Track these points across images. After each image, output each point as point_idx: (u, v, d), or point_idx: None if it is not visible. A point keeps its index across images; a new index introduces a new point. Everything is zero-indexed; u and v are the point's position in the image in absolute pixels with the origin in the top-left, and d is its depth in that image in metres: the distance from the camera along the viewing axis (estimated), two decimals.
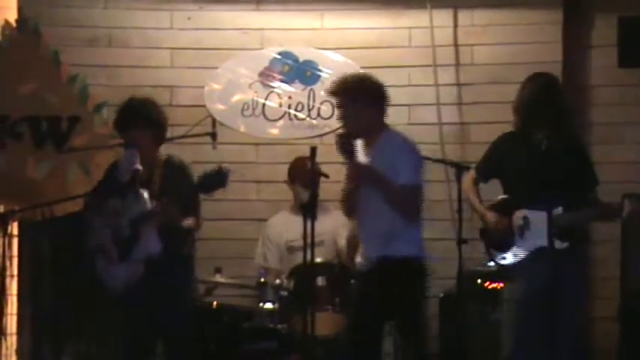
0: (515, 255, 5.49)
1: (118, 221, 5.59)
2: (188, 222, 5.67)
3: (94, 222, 5.69)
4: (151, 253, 5.51)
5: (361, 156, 5.46)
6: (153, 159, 5.73)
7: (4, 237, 6.13)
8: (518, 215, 5.48)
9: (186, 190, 5.59)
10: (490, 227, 5.54)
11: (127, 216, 5.57)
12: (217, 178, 5.38)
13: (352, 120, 5.44)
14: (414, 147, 5.52)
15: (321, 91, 7.34)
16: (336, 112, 5.62)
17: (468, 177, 5.76)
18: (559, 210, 5.37)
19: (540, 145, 5.46)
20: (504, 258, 5.54)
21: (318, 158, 5.64)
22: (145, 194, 5.57)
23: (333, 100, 5.61)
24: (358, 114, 5.41)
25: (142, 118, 5.69)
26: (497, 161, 5.64)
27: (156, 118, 5.76)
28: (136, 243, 5.53)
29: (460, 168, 5.84)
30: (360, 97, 5.42)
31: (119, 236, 5.58)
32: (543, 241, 5.38)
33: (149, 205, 5.55)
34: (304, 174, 6.42)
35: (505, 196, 5.62)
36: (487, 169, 5.70)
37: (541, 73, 5.80)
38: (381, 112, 5.50)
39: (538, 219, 5.40)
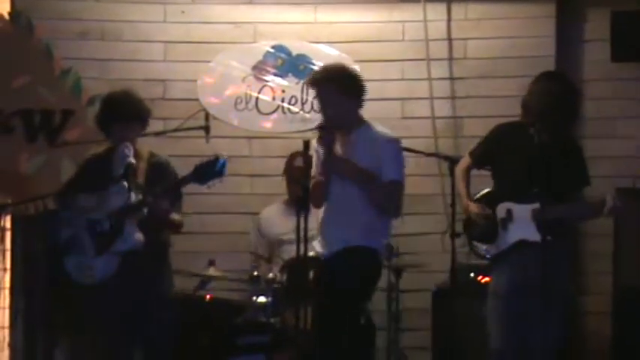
0: (497, 247, 5.50)
1: (93, 215, 5.53)
2: (175, 216, 5.66)
3: (66, 218, 5.63)
4: (134, 245, 5.48)
5: (338, 148, 5.52)
6: (136, 152, 5.72)
7: None
8: (502, 207, 5.49)
9: (171, 186, 5.56)
10: (472, 219, 5.55)
11: (105, 209, 5.52)
12: (214, 167, 5.37)
13: (332, 109, 5.51)
14: (398, 142, 5.55)
15: None
16: (317, 102, 5.65)
17: (462, 162, 5.77)
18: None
19: (537, 139, 5.46)
20: (486, 250, 5.55)
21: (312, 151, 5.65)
22: (125, 185, 5.53)
23: (313, 90, 5.64)
24: (338, 103, 5.49)
25: (130, 111, 5.68)
26: (493, 149, 5.64)
27: (142, 111, 5.74)
28: (118, 236, 5.48)
29: (453, 162, 5.84)
30: (340, 86, 5.51)
31: (96, 230, 5.52)
32: (525, 234, 5.41)
33: (132, 197, 5.51)
34: (294, 169, 6.45)
35: (490, 190, 5.63)
36: (481, 156, 5.69)
37: (558, 75, 5.79)
38: (359, 104, 5.58)
39: (522, 212, 5.42)
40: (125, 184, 5.54)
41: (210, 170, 5.39)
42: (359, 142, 5.49)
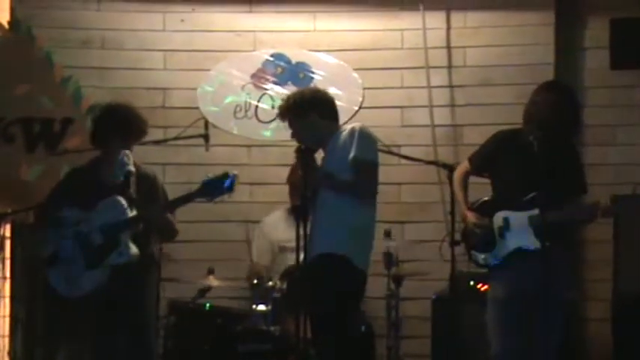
0: (495, 256, 5.51)
1: (83, 228, 5.52)
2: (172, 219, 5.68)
3: (50, 232, 5.60)
4: (130, 259, 5.47)
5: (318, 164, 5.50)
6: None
7: None
8: (499, 216, 5.50)
9: (176, 202, 5.57)
10: (469, 228, 5.57)
11: (98, 221, 5.49)
12: (222, 184, 5.36)
13: (301, 134, 5.52)
14: (362, 128, 5.47)
15: None
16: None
17: (460, 168, 5.77)
18: (536, 211, 5.41)
19: (535, 147, 5.46)
20: (485, 259, 5.56)
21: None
22: (123, 200, 5.51)
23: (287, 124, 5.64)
24: (302, 127, 5.50)
25: (132, 127, 5.65)
26: (492, 156, 5.64)
27: (143, 126, 5.71)
28: (114, 249, 5.47)
29: (453, 170, 5.82)
30: (292, 113, 5.51)
31: (87, 243, 5.50)
32: (522, 242, 5.42)
33: (127, 210, 5.49)
34: (297, 177, 6.43)
35: (486, 199, 5.64)
36: (480, 162, 5.69)
37: (560, 85, 5.79)
38: (321, 117, 5.52)
39: (518, 220, 5.43)
40: (120, 198, 5.50)
41: (218, 187, 5.38)
42: (329, 149, 5.48)
